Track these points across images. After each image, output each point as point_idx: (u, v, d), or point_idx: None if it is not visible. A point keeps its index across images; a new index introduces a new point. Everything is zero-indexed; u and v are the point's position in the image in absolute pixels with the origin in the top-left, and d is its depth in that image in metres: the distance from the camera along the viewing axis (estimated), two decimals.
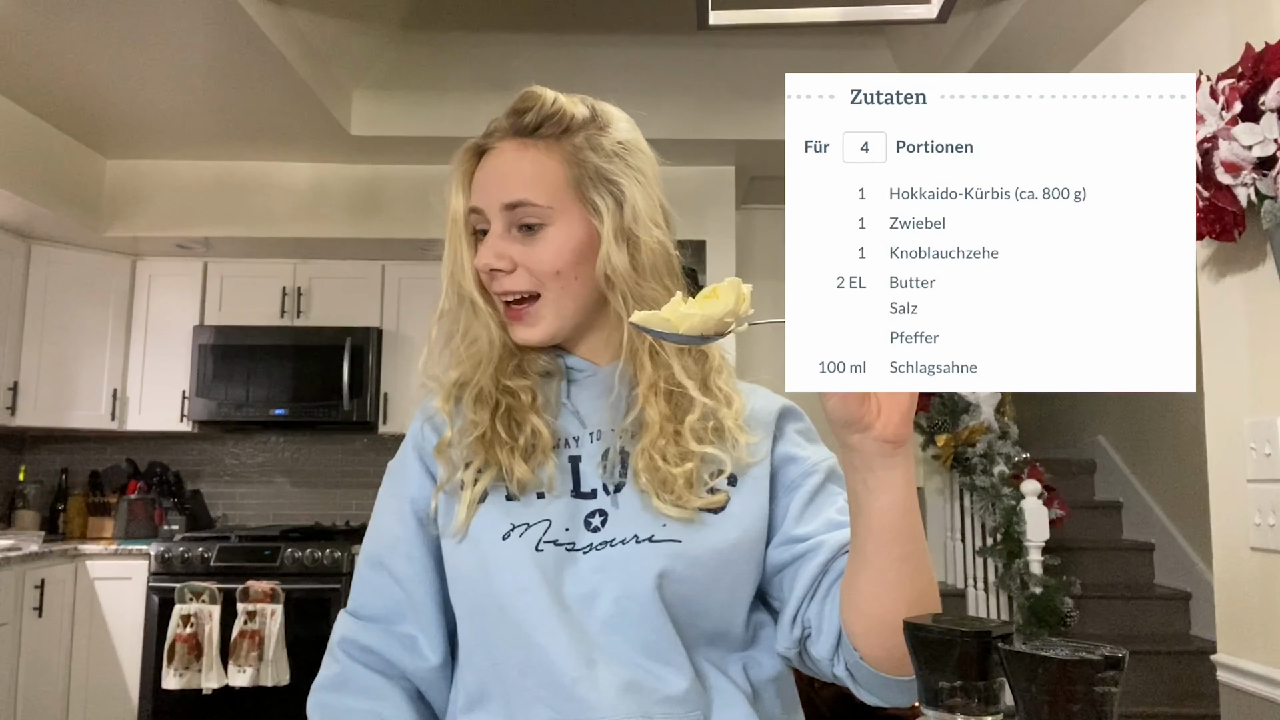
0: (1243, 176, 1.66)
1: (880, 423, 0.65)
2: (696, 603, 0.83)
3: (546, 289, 0.86)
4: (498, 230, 0.86)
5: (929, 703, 0.55)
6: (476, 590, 0.85)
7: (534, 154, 0.87)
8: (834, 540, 0.83)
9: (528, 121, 0.88)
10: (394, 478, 0.94)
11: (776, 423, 0.91)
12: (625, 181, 0.87)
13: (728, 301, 0.64)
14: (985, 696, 0.54)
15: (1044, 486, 3.49)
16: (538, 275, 0.86)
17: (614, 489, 0.86)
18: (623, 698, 0.79)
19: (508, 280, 0.86)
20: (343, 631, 0.91)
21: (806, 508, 0.86)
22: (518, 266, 0.86)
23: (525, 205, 0.85)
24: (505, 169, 0.87)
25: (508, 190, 0.86)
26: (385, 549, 0.91)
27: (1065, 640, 0.52)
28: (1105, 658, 0.49)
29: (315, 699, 0.89)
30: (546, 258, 0.85)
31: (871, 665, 0.76)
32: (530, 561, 0.82)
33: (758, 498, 0.87)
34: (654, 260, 0.87)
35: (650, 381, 0.87)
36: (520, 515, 0.84)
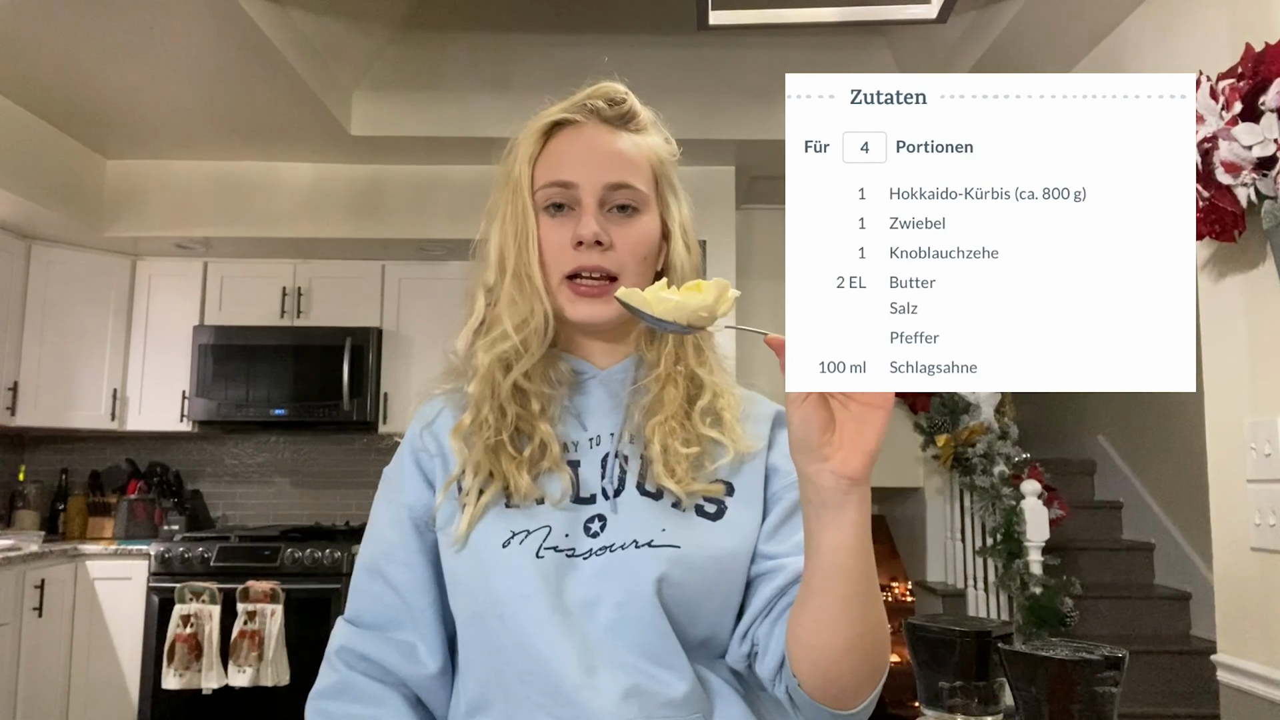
0: (1243, 176, 1.66)
1: (840, 457, 0.64)
2: (692, 607, 0.84)
3: (626, 272, 0.88)
4: (591, 206, 0.87)
5: (929, 703, 0.55)
6: (476, 597, 0.84)
7: (628, 142, 0.90)
8: (794, 565, 0.83)
9: (623, 111, 0.91)
10: (390, 485, 0.93)
11: (771, 428, 0.92)
12: (680, 185, 0.94)
13: (707, 297, 0.65)
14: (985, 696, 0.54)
15: (1044, 486, 3.49)
16: (626, 257, 0.87)
17: (613, 494, 0.86)
18: (624, 703, 0.79)
19: (601, 257, 0.86)
20: (341, 640, 0.90)
21: (780, 526, 0.88)
22: (613, 245, 0.87)
23: (629, 188, 0.88)
24: (606, 148, 0.89)
25: (613, 170, 0.88)
26: (382, 556, 0.90)
27: (1065, 640, 0.52)
28: (1105, 658, 0.49)
29: (314, 706, 0.88)
30: (640, 241, 0.88)
31: (809, 694, 0.76)
32: (531, 568, 0.82)
33: (753, 509, 0.88)
34: (695, 262, 0.93)
35: (673, 362, 0.89)
36: (520, 522, 0.84)
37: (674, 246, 0.91)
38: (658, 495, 0.86)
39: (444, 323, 4.19)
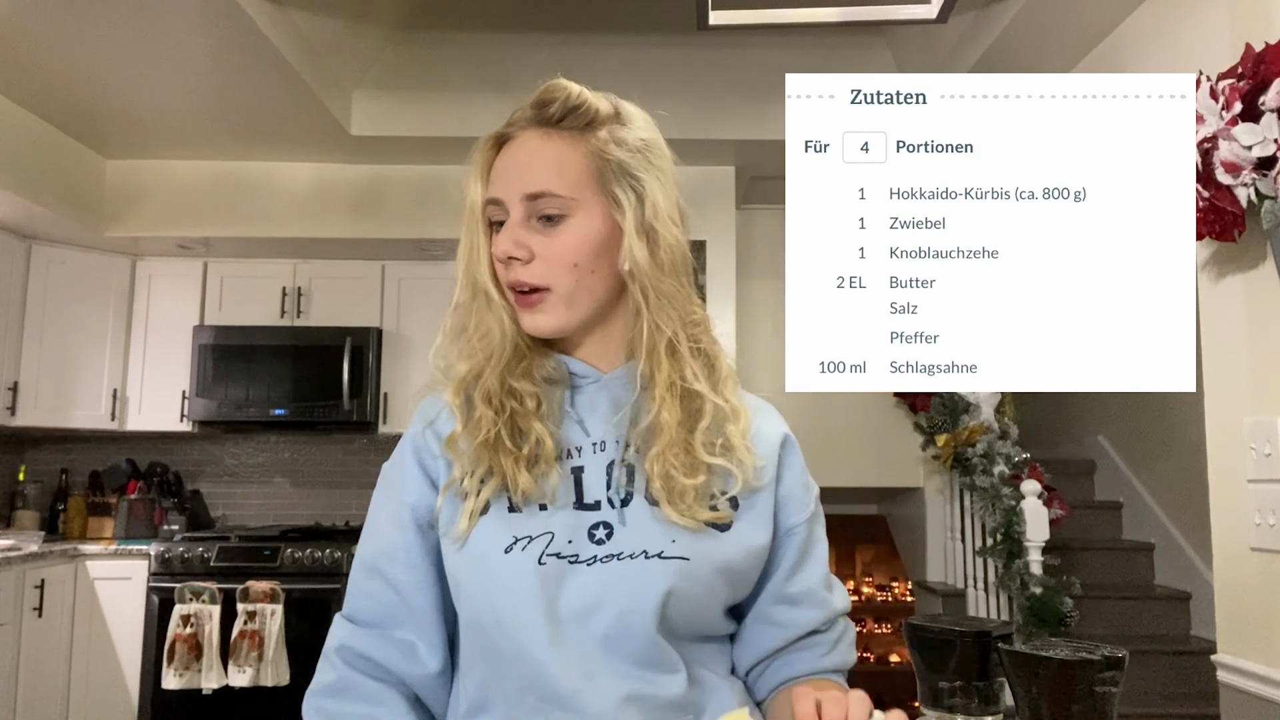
0: (1243, 176, 1.66)
1: None
2: (692, 615, 0.85)
3: (560, 282, 0.86)
4: (516, 219, 0.86)
5: (929, 703, 0.55)
6: (475, 603, 0.85)
7: (557, 144, 0.86)
8: (799, 624, 0.90)
9: (552, 113, 0.87)
10: (391, 483, 0.93)
11: (780, 452, 0.92)
12: (647, 177, 0.87)
13: None
14: (985, 696, 0.54)
15: (1044, 486, 3.49)
16: (554, 267, 0.85)
17: (620, 502, 0.85)
18: (623, 709, 0.80)
19: (522, 271, 0.86)
20: (340, 639, 0.89)
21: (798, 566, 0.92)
22: (535, 257, 0.85)
23: (547, 196, 0.85)
24: (527, 158, 0.87)
25: (529, 180, 0.85)
26: (383, 556, 0.90)
27: (1065, 640, 0.52)
28: (1105, 658, 0.49)
29: (312, 704, 0.88)
30: (566, 249, 0.85)
31: None
32: (532, 575, 0.82)
33: (762, 527, 0.89)
34: (672, 257, 0.87)
35: (668, 381, 0.86)
36: (523, 527, 0.84)
37: (627, 244, 0.85)
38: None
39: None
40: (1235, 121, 1.66)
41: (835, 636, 0.94)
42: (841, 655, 0.93)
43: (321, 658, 0.90)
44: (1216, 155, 1.67)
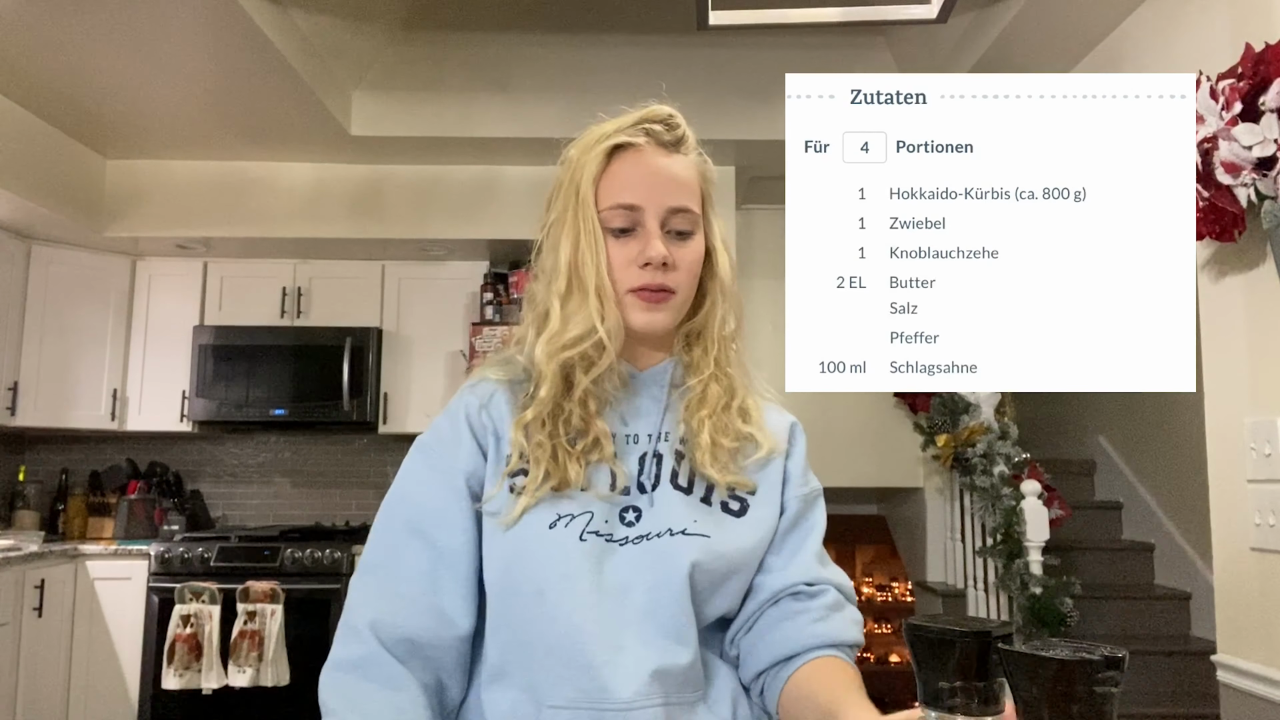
0: (1243, 177, 1.66)
1: None
2: (711, 591, 0.91)
3: (683, 287, 0.95)
4: (654, 229, 0.93)
5: (929, 703, 0.55)
6: (513, 574, 0.89)
7: (684, 165, 0.96)
8: (774, 583, 0.94)
9: (678, 136, 0.97)
10: (436, 452, 0.96)
11: (789, 435, 1.01)
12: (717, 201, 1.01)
13: None
14: (985, 696, 0.54)
15: (1044, 486, 3.49)
16: (683, 275, 0.95)
17: (651, 488, 0.93)
18: (649, 683, 0.85)
19: (664, 276, 0.93)
20: (372, 611, 0.89)
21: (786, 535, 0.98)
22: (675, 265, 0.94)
23: (687, 212, 0.94)
24: (668, 174, 0.94)
25: (674, 194, 0.94)
26: (429, 519, 0.92)
27: (1065, 640, 0.52)
28: (1105, 658, 0.49)
29: (331, 677, 0.87)
30: (695, 261, 0.96)
31: None
32: (576, 549, 0.88)
33: (772, 507, 0.97)
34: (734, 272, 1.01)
35: (713, 364, 0.98)
36: (566, 507, 0.90)
37: (717, 260, 0.98)
38: (689, 490, 0.94)
39: (444, 323, 4.19)
40: (1235, 121, 1.66)
41: (826, 604, 0.93)
42: (838, 628, 0.93)
43: (345, 626, 0.90)
44: (1216, 155, 1.68)
